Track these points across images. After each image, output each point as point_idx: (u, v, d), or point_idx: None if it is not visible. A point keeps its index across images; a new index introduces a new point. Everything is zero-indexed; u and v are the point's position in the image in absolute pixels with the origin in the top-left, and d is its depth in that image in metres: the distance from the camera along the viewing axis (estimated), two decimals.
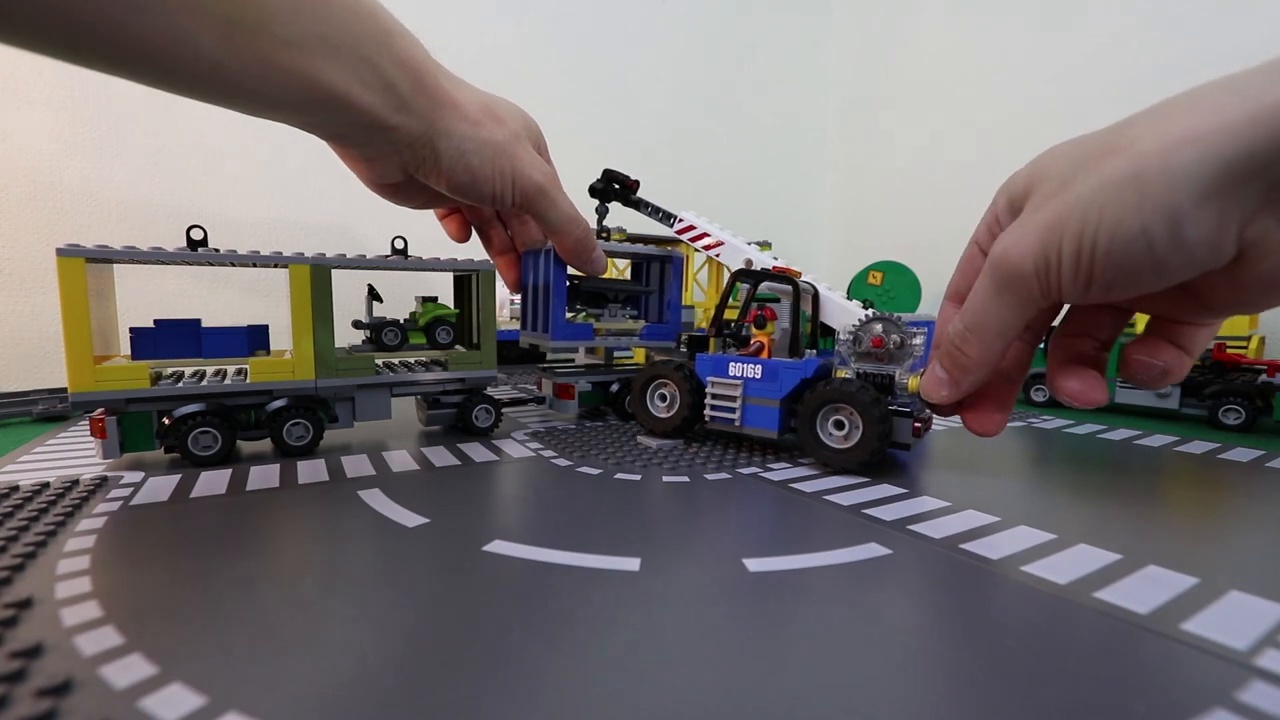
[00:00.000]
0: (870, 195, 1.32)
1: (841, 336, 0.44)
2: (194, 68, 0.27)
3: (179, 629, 0.21)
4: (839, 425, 0.42)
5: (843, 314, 0.49)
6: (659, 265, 0.65)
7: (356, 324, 0.52)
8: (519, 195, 0.40)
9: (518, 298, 0.59)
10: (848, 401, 0.41)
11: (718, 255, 0.53)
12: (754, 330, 0.48)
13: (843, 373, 0.43)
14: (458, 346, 0.53)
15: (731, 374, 0.46)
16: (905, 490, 0.38)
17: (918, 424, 0.42)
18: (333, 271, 0.45)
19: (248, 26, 0.27)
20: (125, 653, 0.20)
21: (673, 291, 0.62)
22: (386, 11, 0.33)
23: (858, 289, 1.05)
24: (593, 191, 0.58)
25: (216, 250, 0.43)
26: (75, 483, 0.37)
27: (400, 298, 0.65)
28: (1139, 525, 0.33)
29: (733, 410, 0.46)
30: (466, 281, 0.55)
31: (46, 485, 0.37)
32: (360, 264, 0.47)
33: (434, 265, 0.50)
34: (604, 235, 0.60)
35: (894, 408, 0.42)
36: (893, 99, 1.29)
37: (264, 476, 0.39)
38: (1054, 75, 1.01)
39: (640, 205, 0.58)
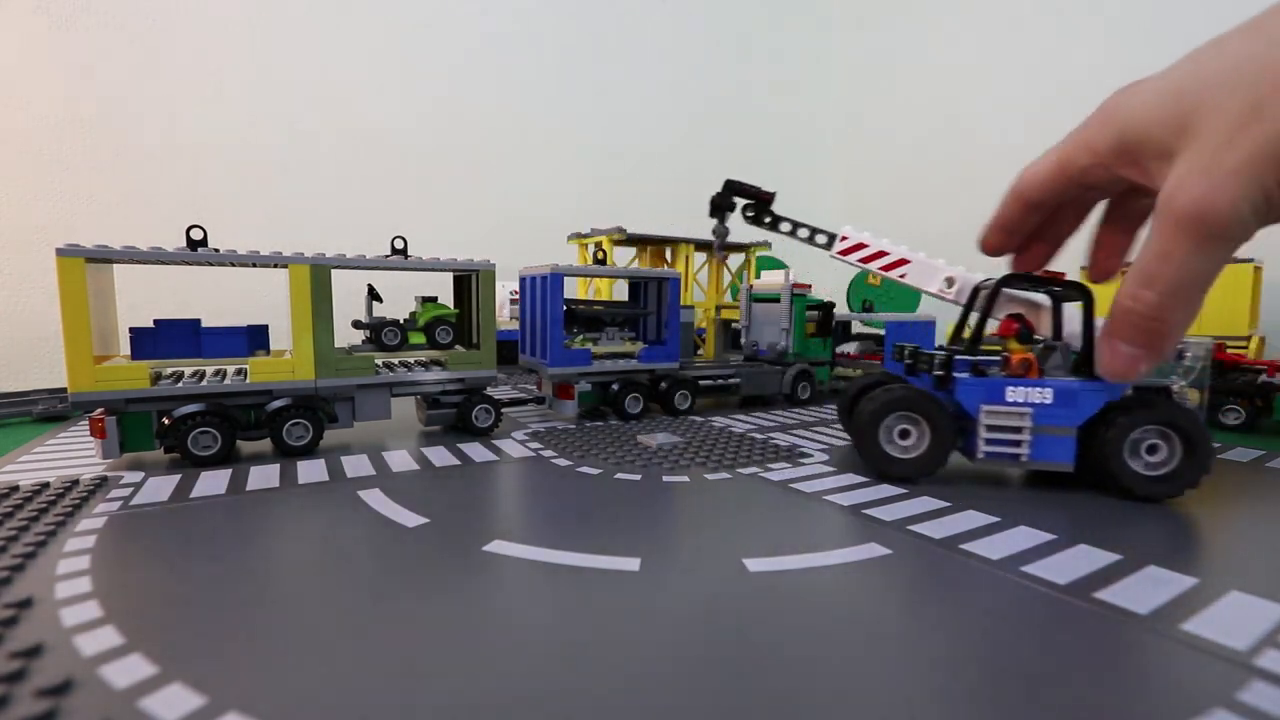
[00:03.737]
0: (871, 194, 1.32)
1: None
2: None
3: (179, 629, 0.21)
4: (1152, 450, 0.37)
5: (1068, 322, 0.42)
6: (656, 286, 0.65)
7: (356, 324, 0.52)
8: None
9: (518, 298, 0.60)
10: (1171, 425, 0.36)
11: (903, 277, 0.44)
12: (1014, 346, 0.41)
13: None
14: (457, 346, 0.53)
15: (1010, 400, 0.39)
16: (905, 490, 0.38)
17: None
18: (333, 271, 0.45)
19: None
20: (125, 653, 0.20)
21: (671, 311, 0.62)
22: None
23: (857, 289, 1.05)
24: (714, 207, 0.51)
25: (216, 250, 0.43)
26: (75, 483, 0.37)
27: (400, 298, 0.65)
28: (1139, 525, 0.33)
29: (1019, 443, 0.38)
30: (466, 281, 0.55)
31: (46, 485, 0.37)
32: (360, 264, 0.47)
33: (434, 265, 0.50)
34: (720, 256, 0.53)
35: None
36: (894, 98, 1.29)
37: (264, 476, 0.39)
38: (1055, 74, 1.01)
39: (778, 223, 0.49)
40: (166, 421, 0.42)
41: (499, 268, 0.54)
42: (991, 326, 0.42)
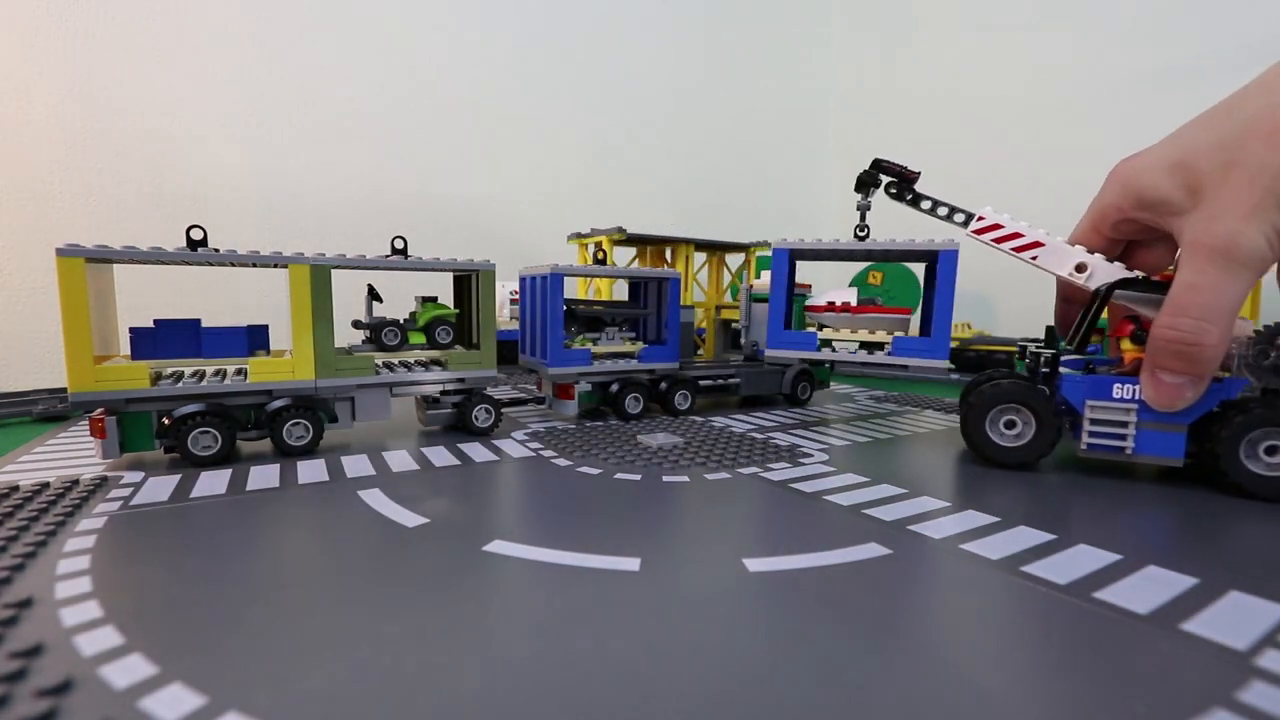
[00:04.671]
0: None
1: (1236, 350, 0.39)
2: None
3: (179, 629, 0.21)
4: (1271, 451, 0.38)
5: None
6: (656, 286, 0.65)
7: (356, 324, 0.52)
8: None
9: (518, 298, 0.60)
10: None
11: (1034, 259, 0.45)
12: (1128, 346, 0.43)
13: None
14: (457, 346, 0.53)
15: (1116, 396, 0.40)
16: (905, 490, 0.38)
17: None
18: (332, 271, 0.45)
19: None
20: (125, 653, 0.20)
21: (671, 312, 0.62)
22: None
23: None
24: (860, 184, 0.52)
25: (216, 250, 0.43)
26: (75, 483, 0.37)
27: (400, 298, 0.65)
28: (1139, 525, 0.33)
29: (1123, 438, 0.40)
30: (466, 281, 0.55)
31: (46, 485, 0.37)
32: (360, 264, 0.47)
33: (434, 265, 0.50)
34: (862, 234, 0.54)
35: None
36: (893, 98, 1.28)
37: (264, 476, 0.39)
38: (1053, 77, 1.01)
39: (919, 201, 0.50)
40: (166, 421, 0.42)
41: (499, 268, 0.54)
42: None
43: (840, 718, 0.17)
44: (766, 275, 0.83)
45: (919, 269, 1.02)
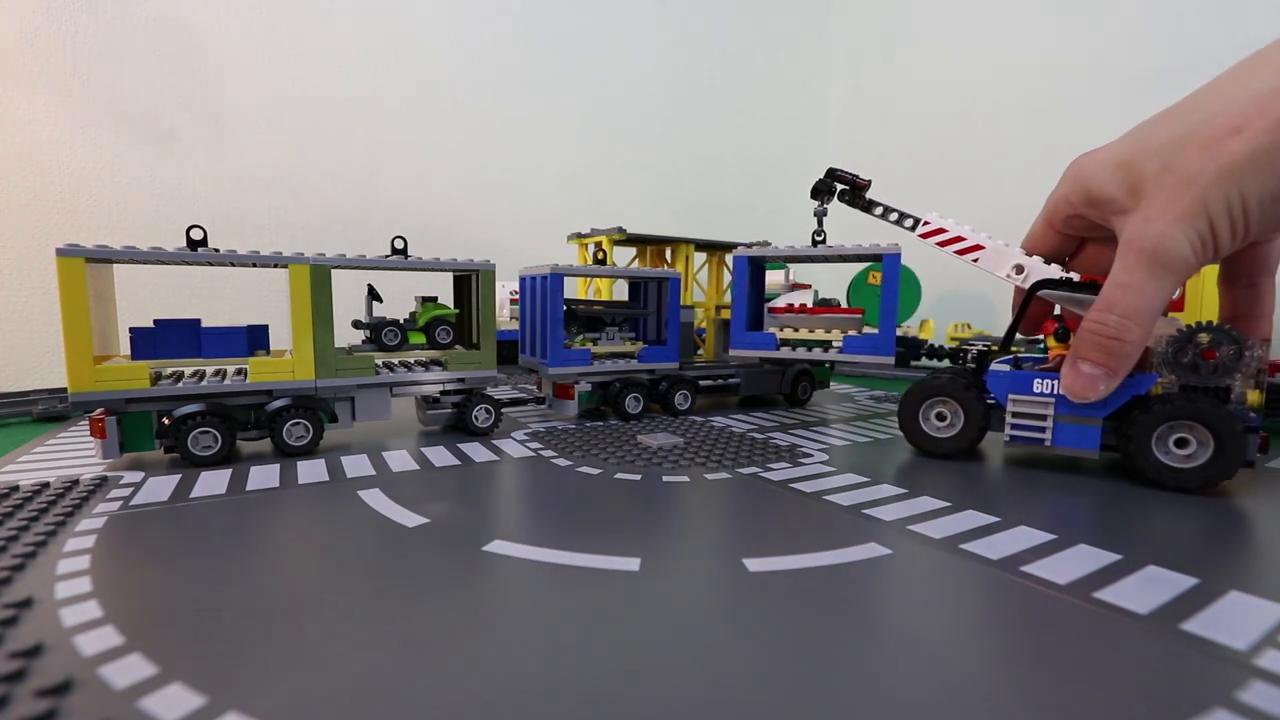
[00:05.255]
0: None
1: (1156, 349, 0.40)
2: None
3: (179, 629, 0.21)
4: (1182, 444, 0.39)
5: None
6: (656, 286, 0.65)
7: (356, 324, 0.52)
8: None
9: (518, 298, 0.60)
10: (1199, 419, 0.38)
11: (975, 261, 0.47)
12: (1052, 343, 0.46)
13: (1158, 387, 0.40)
14: (457, 346, 0.53)
15: (1037, 391, 0.43)
16: (905, 490, 0.38)
17: (1264, 437, 0.39)
18: (333, 271, 0.45)
19: None
20: (125, 653, 0.20)
21: (671, 312, 0.62)
22: None
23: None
24: (815, 191, 0.56)
25: (216, 250, 0.43)
26: (75, 483, 0.37)
27: (400, 298, 0.65)
28: (1139, 525, 0.33)
29: (1042, 430, 0.43)
30: (466, 281, 0.55)
31: (46, 485, 0.37)
32: (360, 264, 0.47)
33: (434, 265, 0.50)
34: (820, 238, 0.58)
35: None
36: (892, 99, 1.28)
37: (264, 476, 0.39)
38: (1052, 73, 1.01)
39: (871, 206, 0.53)
40: (166, 421, 0.42)
41: (499, 268, 0.54)
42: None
43: (840, 717, 0.17)
44: (767, 275, 0.83)
45: (919, 270, 1.02)
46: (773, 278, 0.74)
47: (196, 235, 0.43)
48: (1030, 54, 1.05)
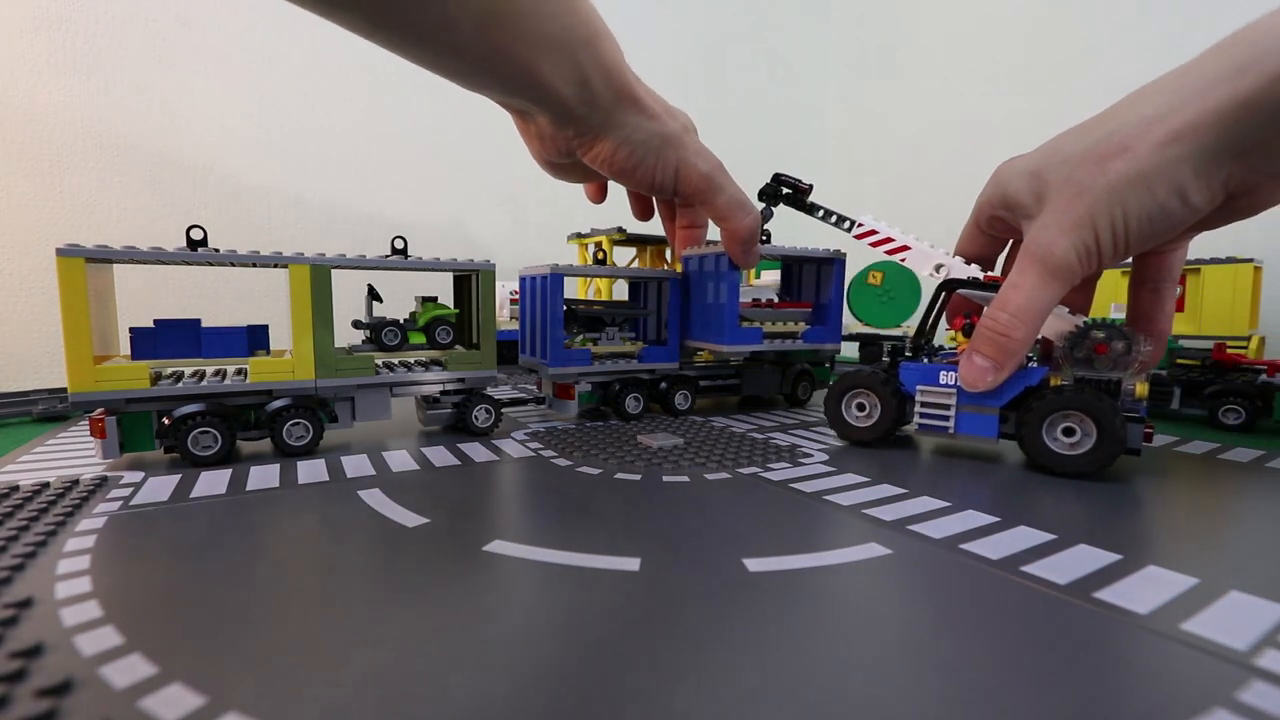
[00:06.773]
0: (871, 194, 1.32)
1: (1057, 344, 0.43)
2: (450, 48, 0.35)
3: (179, 629, 0.21)
4: (1069, 432, 0.41)
5: (1051, 320, 0.46)
6: (656, 286, 0.65)
7: (356, 324, 0.52)
8: (682, 183, 0.47)
9: (518, 298, 0.60)
10: (1084, 409, 0.40)
11: (903, 260, 0.52)
12: (961, 339, 0.49)
13: (1056, 379, 0.42)
14: (457, 346, 0.53)
15: (943, 383, 0.46)
16: (905, 490, 0.38)
17: (1149, 428, 0.41)
18: (333, 271, 0.45)
19: (496, 21, 0.34)
20: (125, 653, 0.20)
21: (671, 312, 0.62)
22: (598, 16, 0.39)
23: (858, 289, 1.05)
24: (761, 195, 0.59)
25: (216, 250, 0.43)
26: (75, 483, 0.37)
27: (400, 298, 0.65)
28: (1139, 525, 0.33)
29: (946, 419, 0.46)
30: (466, 281, 0.55)
31: (46, 485, 0.37)
32: (360, 264, 0.47)
33: (434, 265, 0.50)
34: (765, 239, 0.61)
35: (1127, 414, 0.41)
36: (892, 96, 1.28)
37: (264, 476, 0.39)
38: (1050, 73, 1.01)
39: (813, 209, 0.58)
40: (166, 421, 0.42)
41: (499, 268, 0.54)
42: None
43: (840, 717, 0.17)
44: (767, 276, 0.83)
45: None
46: (771, 278, 0.74)
47: (196, 235, 0.43)
48: (1037, 55, 1.05)
